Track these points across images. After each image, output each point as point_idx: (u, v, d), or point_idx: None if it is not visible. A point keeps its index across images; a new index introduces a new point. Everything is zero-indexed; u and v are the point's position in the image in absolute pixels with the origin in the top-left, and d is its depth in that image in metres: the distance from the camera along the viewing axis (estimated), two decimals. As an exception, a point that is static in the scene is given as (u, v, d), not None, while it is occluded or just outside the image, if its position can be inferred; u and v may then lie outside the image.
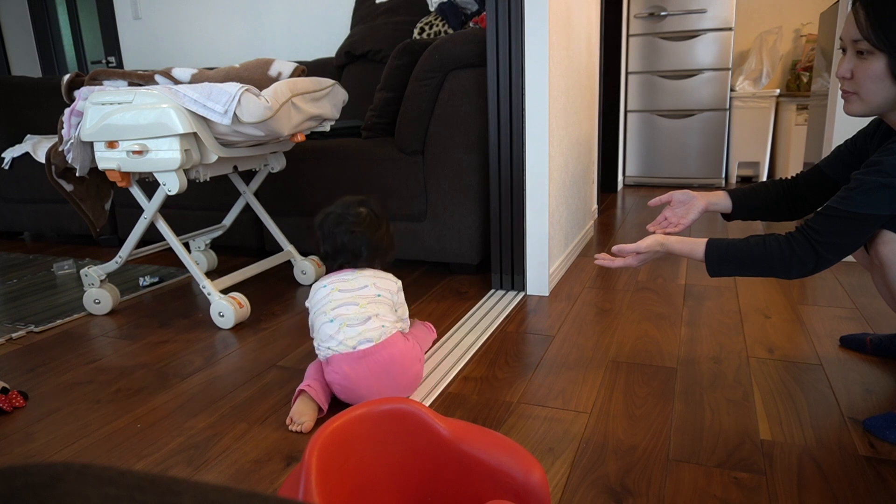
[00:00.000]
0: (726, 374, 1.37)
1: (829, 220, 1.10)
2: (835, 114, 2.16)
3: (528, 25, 1.79)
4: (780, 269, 1.15)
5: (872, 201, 1.05)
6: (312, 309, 1.33)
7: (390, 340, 1.25)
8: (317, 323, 1.30)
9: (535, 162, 1.88)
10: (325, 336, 1.26)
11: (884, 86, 1.07)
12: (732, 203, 1.41)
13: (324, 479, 0.75)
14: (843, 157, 1.32)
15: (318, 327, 1.29)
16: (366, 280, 1.32)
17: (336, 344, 1.24)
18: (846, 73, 1.11)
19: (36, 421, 1.28)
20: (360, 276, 1.33)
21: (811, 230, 1.12)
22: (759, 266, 1.17)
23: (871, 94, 1.09)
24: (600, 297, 1.93)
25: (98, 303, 1.91)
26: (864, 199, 1.06)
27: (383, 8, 2.90)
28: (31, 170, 2.82)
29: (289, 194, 2.33)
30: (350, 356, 1.23)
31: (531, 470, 0.79)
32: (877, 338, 1.45)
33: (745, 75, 3.96)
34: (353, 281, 1.32)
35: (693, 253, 1.23)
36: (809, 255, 1.12)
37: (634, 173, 4.23)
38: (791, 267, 1.14)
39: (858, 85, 1.10)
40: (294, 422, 1.20)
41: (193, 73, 1.79)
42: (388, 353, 1.24)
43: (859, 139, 1.28)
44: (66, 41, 4.60)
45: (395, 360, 1.24)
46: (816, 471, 1.03)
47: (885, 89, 1.07)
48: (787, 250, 1.13)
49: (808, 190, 1.38)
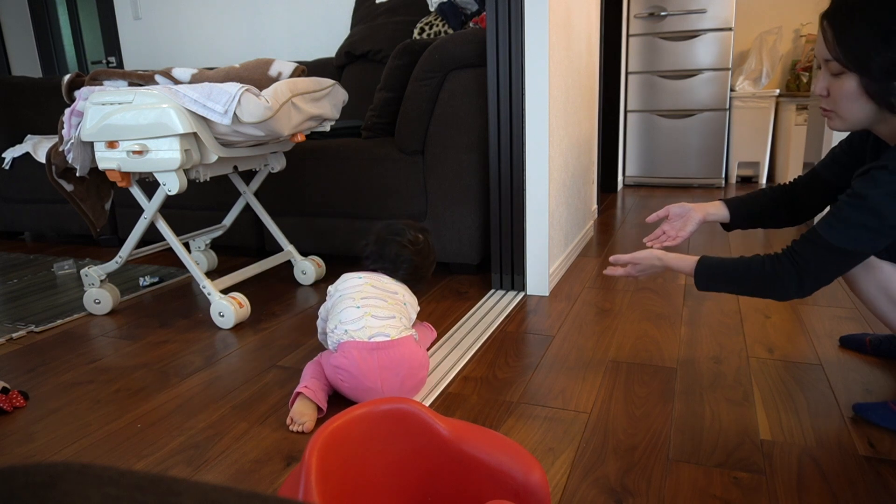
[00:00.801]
0: (726, 374, 1.37)
1: (814, 247, 1.08)
2: (835, 114, 2.16)
3: (528, 25, 1.79)
4: (764, 290, 1.15)
5: (853, 239, 1.04)
6: (336, 294, 1.36)
7: (404, 341, 1.27)
8: (338, 307, 1.31)
9: (535, 162, 1.88)
10: (345, 319, 1.28)
11: (859, 104, 1.06)
12: (730, 212, 1.41)
13: (324, 479, 0.75)
14: (840, 159, 1.31)
15: (340, 311, 1.30)
16: (398, 287, 1.39)
17: (356, 329, 1.25)
18: (822, 92, 1.10)
19: (36, 421, 1.28)
20: (394, 283, 1.40)
21: (796, 254, 1.10)
22: (745, 285, 1.17)
23: (848, 111, 1.08)
24: (600, 297, 1.93)
25: (98, 303, 1.91)
26: (845, 235, 1.04)
27: (383, 8, 2.90)
28: (32, 170, 2.82)
29: (289, 194, 2.33)
30: (364, 345, 1.24)
31: (531, 470, 0.79)
32: (876, 338, 1.45)
33: (744, 75, 3.96)
34: (387, 284, 1.38)
35: (687, 269, 1.25)
36: (792, 281, 1.10)
37: (634, 173, 4.23)
38: (774, 289, 1.13)
39: (835, 103, 1.09)
40: (295, 422, 1.20)
41: (193, 73, 1.79)
42: (400, 352, 1.25)
43: (854, 140, 1.27)
44: (67, 41, 4.60)
45: (405, 359, 1.25)
46: (816, 471, 1.03)
47: (861, 107, 1.06)
48: (770, 272, 1.13)
49: (806, 194, 1.37)
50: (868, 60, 1.01)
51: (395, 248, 1.43)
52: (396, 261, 1.43)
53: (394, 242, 1.44)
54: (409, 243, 1.45)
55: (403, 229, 1.47)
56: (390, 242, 1.44)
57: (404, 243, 1.44)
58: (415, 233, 1.47)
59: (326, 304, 1.40)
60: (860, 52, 1.02)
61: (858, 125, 1.10)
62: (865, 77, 1.02)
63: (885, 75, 1.01)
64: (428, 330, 1.57)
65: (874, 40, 1.00)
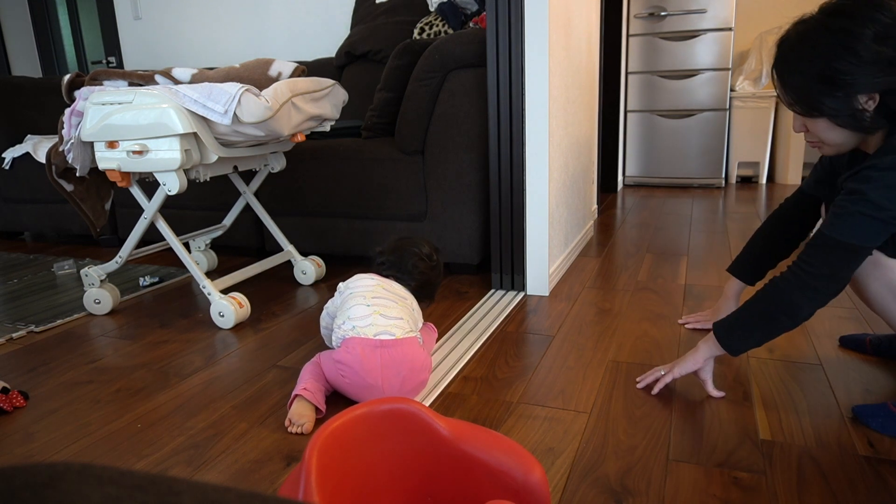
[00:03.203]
0: (726, 375, 1.37)
1: (821, 249, 1.08)
2: (835, 114, 2.16)
3: (528, 25, 1.79)
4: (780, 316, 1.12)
5: (856, 231, 1.04)
6: (347, 291, 1.38)
7: (408, 341, 1.27)
8: (348, 303, 1.33)
9: (535, 162, 1.88)
10: (354, 315, 1.29)
11: (837, 132, 1.08)
12: (739, 279, 1.52)
13: (324, 479, 0.75)
14: (818, 174, 1.35)
15: (349, 307, 1.31)
16: (407, 294, 1.42)
17: (364, 325, 1.26)
18: (801, 129, 1.14)
19: (36, 421, 1.28)
20: (405, 290, 1.43)
21: (803, 263, 1.09)
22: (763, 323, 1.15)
23: (832, 140, 1.10)
24: (600, 297, 1.93)
25: (98, 303, 1.91)
26: (850, 229, 1.04)
27: (383, 8, 2.90)
28: (32, 170, 2.82)
29: (289, 194, 2.33)
30: (368, 341, 1.24)
31: (531, 470, 0.79)
32: (876, 338, 1.45)
33: (744, 75, 3.96)
34: (398, 289, 1.41)
35: (711, 341, 1.24)
36: (804, 292, 1.09)
37: (634, 173, 4.23)
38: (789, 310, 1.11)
39: (817, 136, 1.12)
40: (294, 423, 1.20)
41: (193, 73, 1.79)
42: (402, 352, 1.25)
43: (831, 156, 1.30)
44: (67, 41, 4.60)
45: (408, 359, 1.25)
46: (816, 471, 1.03)
47: (840, 134, 1.08)
48: (776, 297, 1.12)
49: (798, 213, 1.42)
50: (819, 104, 1.05)
51: (413, 260, 1.48)
52: (413, 272, 1.47)
53: (412, 254, 1.49)
54: (427, 257, 1.50)
55: (421, 243, 1.53)
56: (408, 253, 1.49)
57: (422, 256, 1.49)
58: (430, 249, 1.53)
59: (335, 300, 1.43)
60: (811, 99, 1.06)
61: (849, 146, 1.12)
62: (827, 115, 1.06)
63: (843, 109, 1.04)
64: (431, 331, 1.57)
65: (817, 86, 1.04)
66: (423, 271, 1.49)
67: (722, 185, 4.04)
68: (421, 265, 1.48)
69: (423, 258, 1.49)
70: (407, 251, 1.49)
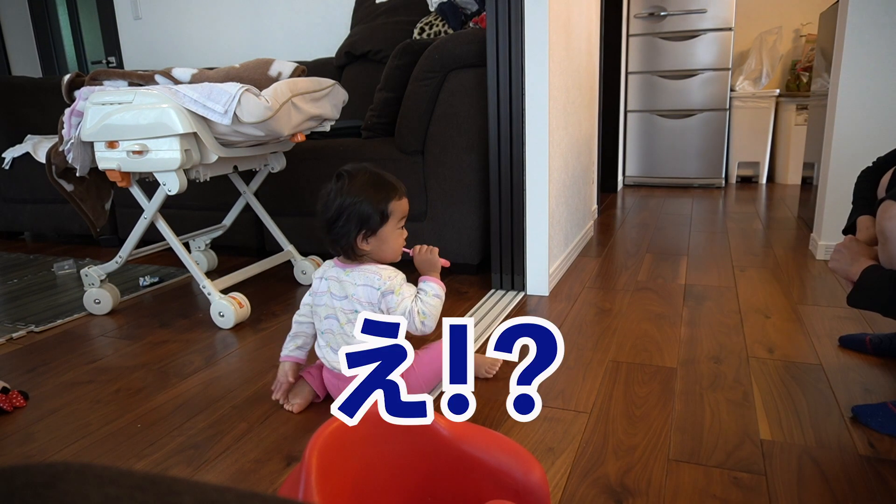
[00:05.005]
0: (726, 374, 1.37)
1: None
2: (834, 114, 2.16)
3: (528, 25, 1.79)
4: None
5: None
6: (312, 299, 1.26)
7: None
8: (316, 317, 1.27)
9: (535, 162, 1.88)
10: (318, 343, 1.29)
11: None
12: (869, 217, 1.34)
13: (324, 479, 0.75)
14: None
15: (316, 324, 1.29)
16: (349, 287, 1.18)
17: (322, 356, 1.27)
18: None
19: (36, 421, 1.28)
20: (346, 280, 1.19)
21: None
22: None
23: None
24: (600, 297, 1.93)
25: (98, 303, 1.91)
26: None
27: (383, 8, 2.90)
28: (32, 170, 2.82)
29: (289, 194, 2.33)
30: (333, 373, 1.26)
31: (531, 470, 0.79)
32: (876, 337, 1.45)
33: (744, 75, 3.96)
34: (341, 285, 1.20)
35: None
36: None
37: (634, 173, 4.23)
38: None
39: None
40: (289, 401, 1.24)
41: (193, 73, 1.79)
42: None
43: None
44: (67, 41, 4.60)
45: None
46: (816, 471, 1.03)
47: None
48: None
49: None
50: None
51: (333, 226, 1.20)
52: (340, 241, 1.19)
53: (325, 219, 1.20)
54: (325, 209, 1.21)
55: (328, 186, 1.22)
56: (329, 202, 1.20)
57: (327, 217, 1.20)
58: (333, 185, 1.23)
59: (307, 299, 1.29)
60: None
61: None
62: None
63: None
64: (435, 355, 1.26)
65: None
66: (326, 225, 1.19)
67: (722, 185, 4.04)
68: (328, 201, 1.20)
69: (327, 220, 1.21)
70: (324, 208, 1.21)
